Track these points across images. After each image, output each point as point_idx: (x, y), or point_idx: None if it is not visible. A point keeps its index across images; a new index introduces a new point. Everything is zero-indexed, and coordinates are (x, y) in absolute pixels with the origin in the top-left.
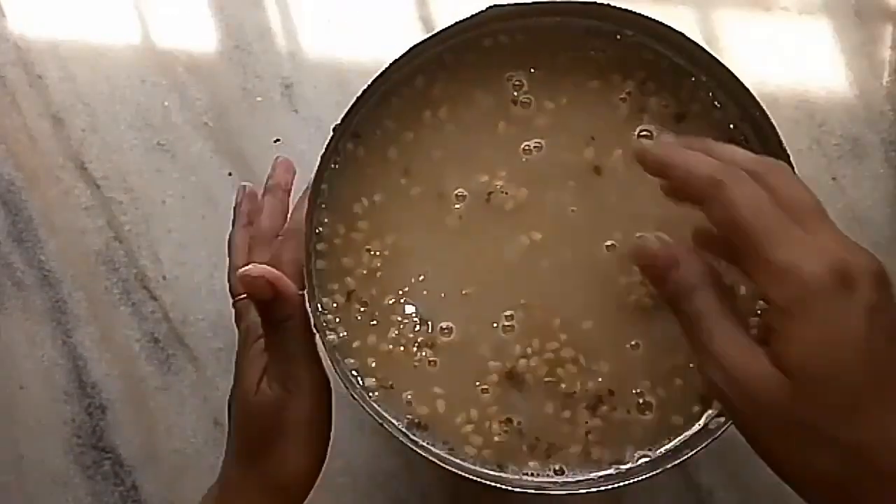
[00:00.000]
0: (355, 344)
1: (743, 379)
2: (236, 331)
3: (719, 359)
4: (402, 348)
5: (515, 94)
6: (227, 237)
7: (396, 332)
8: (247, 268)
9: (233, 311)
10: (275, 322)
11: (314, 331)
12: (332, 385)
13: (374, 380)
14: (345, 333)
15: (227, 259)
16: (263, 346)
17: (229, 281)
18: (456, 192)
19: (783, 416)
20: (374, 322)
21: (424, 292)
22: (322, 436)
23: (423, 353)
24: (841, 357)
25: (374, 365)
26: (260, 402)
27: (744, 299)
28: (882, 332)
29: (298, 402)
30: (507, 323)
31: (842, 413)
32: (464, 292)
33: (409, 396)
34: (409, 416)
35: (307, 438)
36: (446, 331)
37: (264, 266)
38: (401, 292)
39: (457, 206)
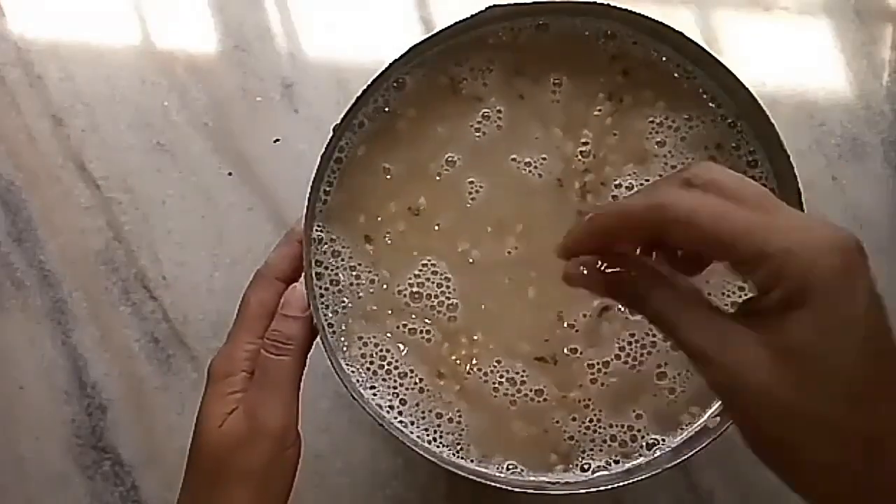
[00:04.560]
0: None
1: (730, 364)
2: None
3: (692, 350)
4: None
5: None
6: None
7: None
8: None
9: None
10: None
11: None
12: (330, 385)
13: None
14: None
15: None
16: (234, 387)
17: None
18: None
19: (784, 405)
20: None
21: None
22: (274, 498)
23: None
24: (846, 345)
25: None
26: (223, 435)
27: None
28: (879, 314)
29: (258, 445)
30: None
31: (847, 402)
32: (469, 303)
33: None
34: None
35: (254, 494)
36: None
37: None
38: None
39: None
